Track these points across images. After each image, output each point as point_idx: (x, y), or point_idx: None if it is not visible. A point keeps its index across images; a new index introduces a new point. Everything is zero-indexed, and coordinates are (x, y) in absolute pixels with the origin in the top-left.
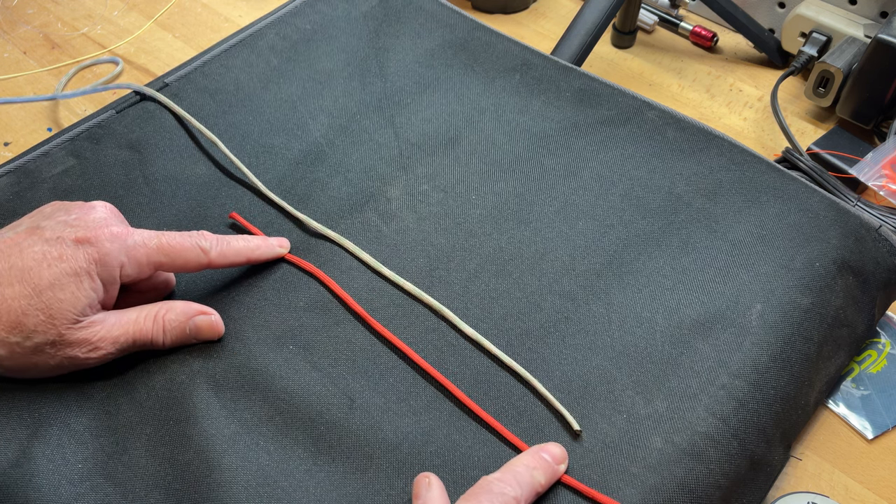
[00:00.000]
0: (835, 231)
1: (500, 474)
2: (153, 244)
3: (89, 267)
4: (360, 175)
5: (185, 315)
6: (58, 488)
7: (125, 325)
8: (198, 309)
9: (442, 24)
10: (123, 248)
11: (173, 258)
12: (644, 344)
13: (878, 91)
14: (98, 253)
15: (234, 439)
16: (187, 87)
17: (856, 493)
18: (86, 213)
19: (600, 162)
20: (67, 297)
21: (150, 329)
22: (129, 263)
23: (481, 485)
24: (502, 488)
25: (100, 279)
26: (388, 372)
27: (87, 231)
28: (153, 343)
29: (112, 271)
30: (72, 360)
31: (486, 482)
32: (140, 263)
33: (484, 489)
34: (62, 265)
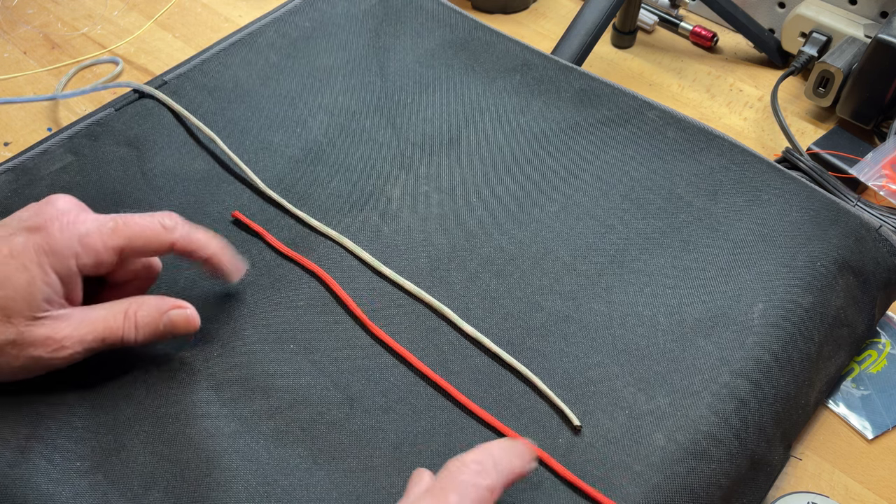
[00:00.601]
0: (835, 231)
1: (475, 455)
2: (108, 228)
3: (39, 259)
4: (361, 174)
5: (157, 310)
6: (57, 487)
7: (92, 323)
8: (172, 303)
9: (442, 23)
10: (75, 235)
11: (132, 239)
12: (646, 342)
13: (878, 91)
14: (47, 243)
15: (234, 438)
16: (186, 84)
17: (856, 493)
18: (42, 207)
19: (601, 162)
20: (20, 294)
21: (120, 326)
22: (85, 252)
23: (452, 472)
24: (476, 477)
25: (53, 271)
26: (389, 371)
27: (37, 220)
28: (124, 340)
29: (66, 262)
30: (36, 361)
31: (458, 468)
32: (97, 251)
33: (456, 480)
34: (12, 262)
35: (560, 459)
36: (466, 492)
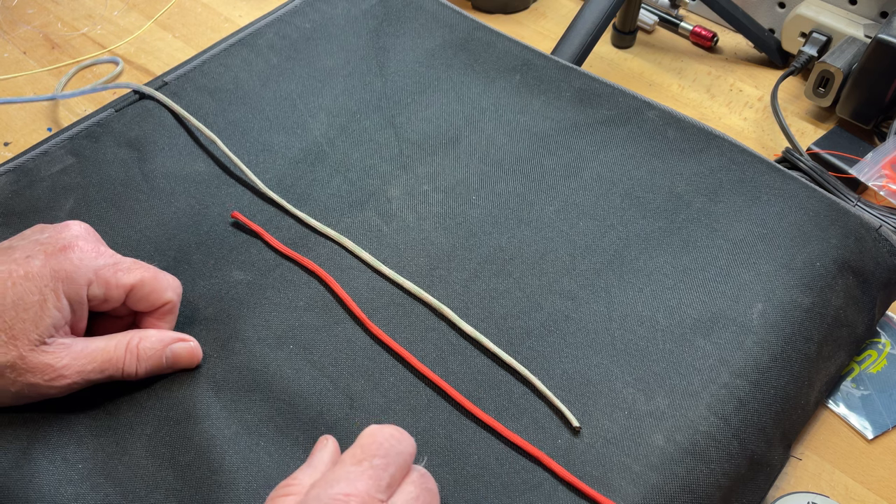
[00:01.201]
0: (835, 231)
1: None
2: (125, 265)
3: (55, 285)
4: (361, 174)
5: (161, 342)
6: (58, 489)
7: (92, 353)
8: (174, 336)
9: (442, 23)
10: (92, 265)
11: (144, 282)
12: (645, 342)
13: (878, 91)
14: (64, 269)
15: (235, 440)
16: (186, 85)
17: (856, 493)
18: (59, 231)
19: (601, 162)
20: (30, 317)
21: (121, 358)
22: (97, 282)
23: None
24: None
25: (66, 298)
26: (389, 371)
27: (57, 245)
28: (125, 373)
29: (79, 289)
30: (33, 388)
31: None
32: (108, 284)
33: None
34: (27, 284)
35: (559, 460)
36: (391, 458)
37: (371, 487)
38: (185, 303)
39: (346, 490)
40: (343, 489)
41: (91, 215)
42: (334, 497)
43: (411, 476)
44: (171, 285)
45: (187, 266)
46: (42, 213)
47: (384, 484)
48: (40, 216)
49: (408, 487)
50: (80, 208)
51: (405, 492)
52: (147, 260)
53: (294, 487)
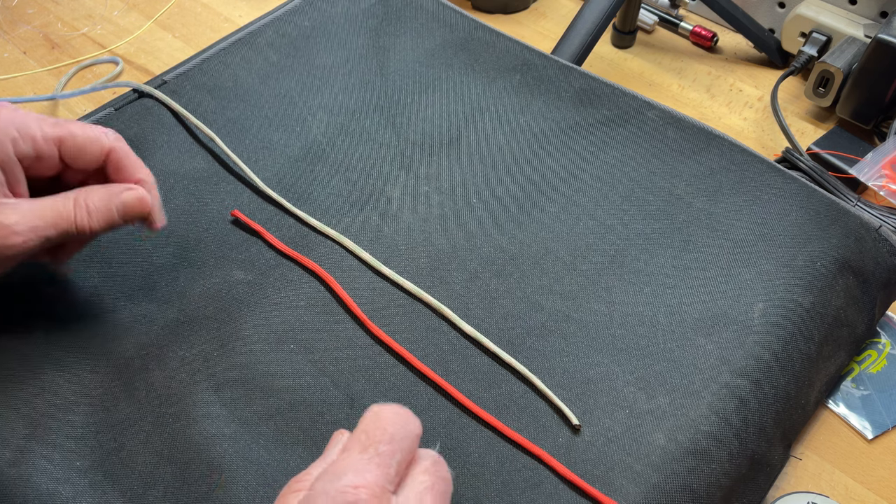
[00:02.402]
0: (835, 231)
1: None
2: (49, 120)
3: None
4: (361, 174)
5: (109, 193)
6: (56, 487)
7: (40, 211)
8: (122, 186)
9: (442, 23)
10: (13, 122)
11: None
12: (646, 341)
13: (878, 91)
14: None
15: (235, 438)
16: (185, 84)
17: (856, 493)
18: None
19: (601, 162)
20: None
21: (70, 212)
22: (22, 138)
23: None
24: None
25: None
26: (389, 371)
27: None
28: (78, 228)
29: (4, 147)
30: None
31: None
32: (34, 138)
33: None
34: None
35: (560, 459)
36: (396, 444)
37: (380, 477)
38: (185, 301)
39: (353, 482)
40: (351, 481)
41: None
42: (342, 490)
43: (423, 463)
44: (106, 132)
45: (186, 264)
46: None
47: (392, 472)
48: None
49: (420, 477)
50: None
51: (418, 481)
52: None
53: (305, 483)
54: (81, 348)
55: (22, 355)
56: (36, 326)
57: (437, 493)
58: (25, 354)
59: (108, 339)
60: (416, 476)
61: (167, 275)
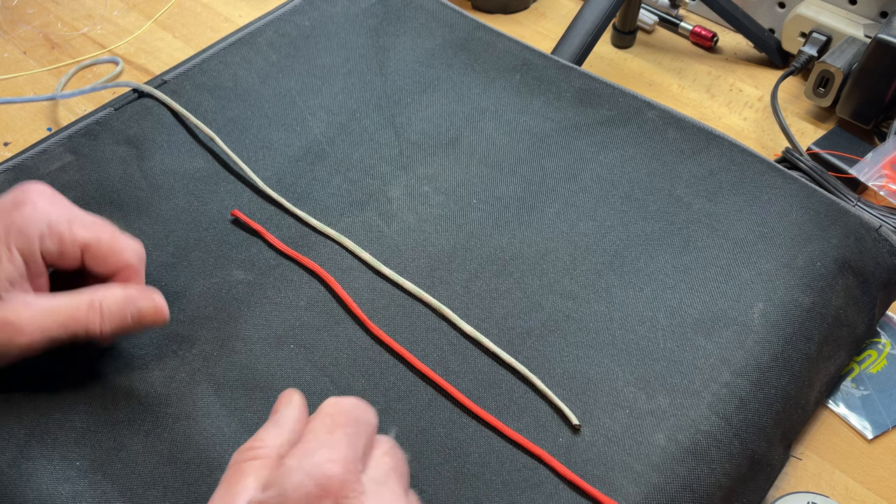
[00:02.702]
0: (835, 231)
1: (352, 398)
2: (81, 221)
3: (6, 239)
4: (361, 174)
5: (125, 299)
6: (56, 486)
7: (54, 310)
8: (139, 293)
9: (442, 23)
10: (45, 218)
11: (100, 241)
12: (646, 342)
13: (878, 91)
14: (15, 223)
15: (235, 438)
16: (185, 83)
17: (856, 493)
18: (15, 189)
19: (601, 162)
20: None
21: (84, 315)
22: (50, 236)
23: (340, 409)
24: (365, 413)
25: (18, 251)
26: (389, 371)
27: (9, 202)
28: (89, 331)
29: (30, 243)
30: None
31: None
32: (62, 238)
33: (349, 415)
34: None
35: (561, 459)
36: (360, 426)
37: (350, 454)
38: (185, 301)
39: (328, 456)
40: (325, 456)
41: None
42: (317, 464)
43: (383, 447)
44: (132, 247)
45: (186, 264)
46: None
47: (360, 452)
48: None
49: (384, 458)
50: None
51: (382, 462)
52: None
53: (261, 450)
54: (82, 348)
55: None
56: None
57: (399, 473)
58: None
59: None
60: (379, 458)
61: (167, 274)
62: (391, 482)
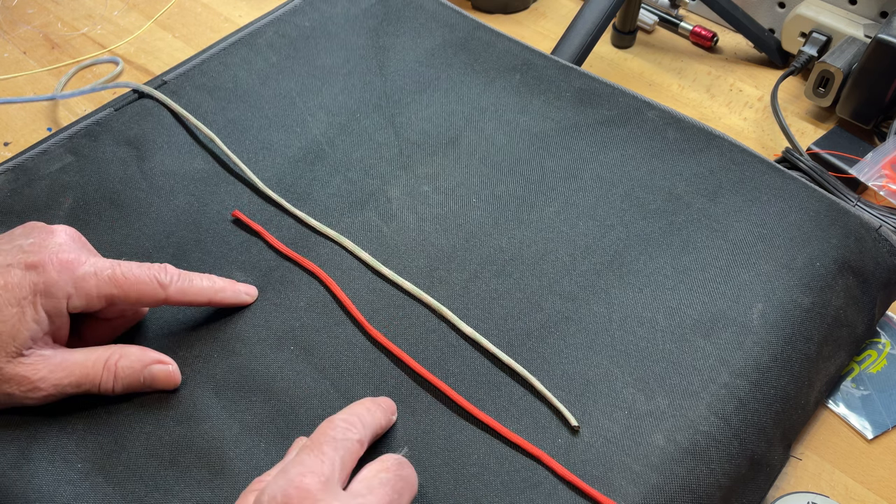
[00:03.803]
0: (835, 231)
1: (343, 415)
2: (105, 275)
3: (33, 298)
4: (361, 174)
5: (140, 363)
6: (58, 488)
7: (70, 368)
8: (154, 357)
9: (442, 23)
10: (72, 278)
11: (127, 291)
12: (645, 343)
13: (878, 91)
14: (43, 282)
15: (235, 440)
16: (185, 84)
17: (856, 493)
18: (43, 238)
19: (600, 163)
20: (8, 329)
21: (98, 375)
22: (77, 295)
23: (324, 430)
24: (346, 432)
25: (44, 310)
26: (389, 373)
27: (37, 257)
28: (101, 390)
29: (58, 303)
30: (9, 398)
31: (330, 426)
32: (89, 296)
33: (327, 435)
34: (6, 295)
35: (559, 459)
36: (338, 444)
37: (324, 468)
38: None
39: (300, 471)
40: (298, 471)
41: (89, 213)
42: (290, 479)
43: (385, 463)
44: (160, 282)
45: (186, 265)
46: (41, 212)
47: (336, 467)
48: (39, 215)
49: (381, 474)
50: (79, 207)
51: (376, 478)
52: (145, 258)
53: (263, 483)
54: None
55: None
56: None
57: (392, 488)
58: None
59: None
60: (375, 473)
61: None
62: (373, 497)
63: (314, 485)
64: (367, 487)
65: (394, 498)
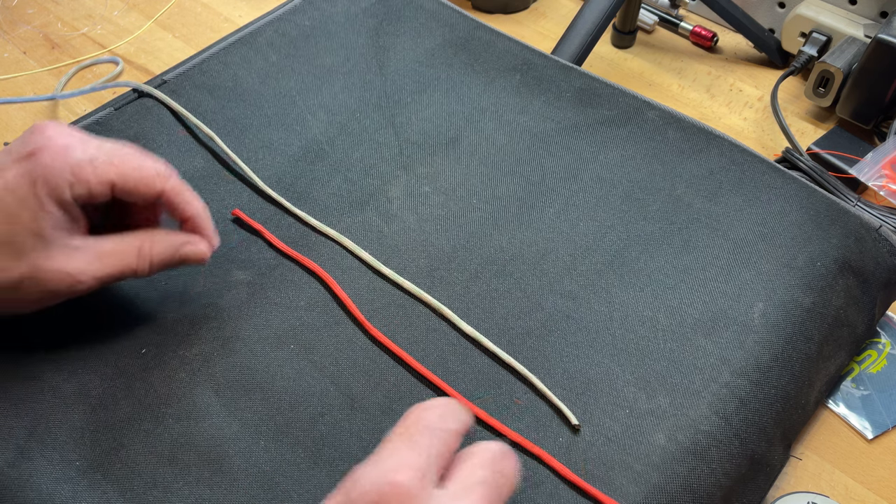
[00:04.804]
0: (835, 231)
1: (438, 401)
2: (101, 160)
3: (35, 190)
4: (361, 174)
5: (171, 247)
6: (56, 486)
7: (105, 260)
8: (183, 239)
9: (442, 23)
10: (67, 165)
11: (125, 176)
12: (646, 342)
13: (878, 91)
14: (39, 174)
15: (235, 438)
16: (185, 83)
17: (856, 493)
18: (30, 134)
19: (601, 163)
20: (24, 228)
21: (133, 262)
22: (78, 182)
23: (419, 416)
24: (443, 421)
25: (51, 200)
26: (389, 371)
27: (25, 151)
28: (137, 274)
29: (61, 192)
30: (54, 295)
31: (425, 412)
32: (89, 182)
33: (423, 423)
34: (8, 196)
35: (561, 458)
36: (434, 435)
37: (419, 461)
38: (185, 301)
39: (393, 465)
40: (391, 465)
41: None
42: (383, 472)
43: (483, 456)
44: (159, 172)
45: None
46: None
47: (432, 461)
48: None
49: (477, 471)
50: None
51: (473, 475)
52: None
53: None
54: (81, 348)
55: (22, 355)
56: (36, 326)
57: (491, 487)
58: (25, 354)
59: (107, 339)
60: (472, 469)
61: (167, 274)
62: (473, 496)
63: (409, 481)
64: (464, 488)
65: (493, 498)
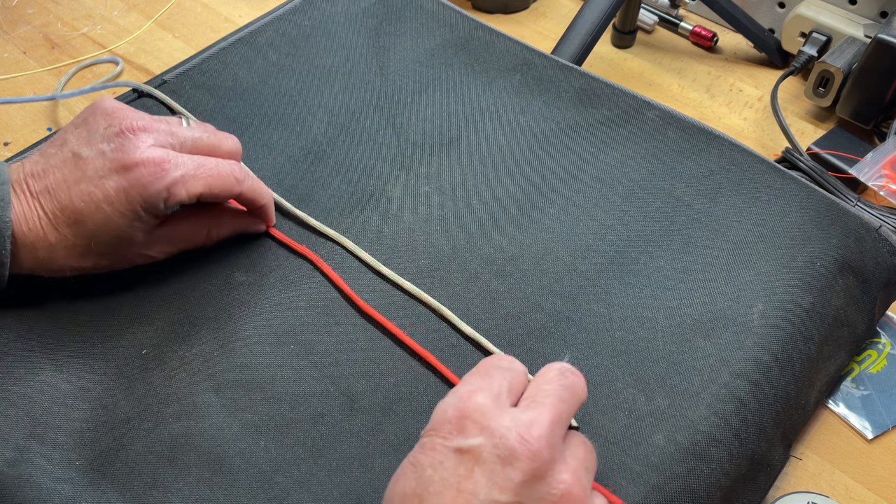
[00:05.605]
0: (835, 231)
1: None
2: (191, 175)
3: (133, 207)
4: (361, 174)
5: (234, 229)
6: (56, 487)
7: (179, 244)
8: (244, 223)
9: (442, 23)
10: (164, 185)
11: (211, 187)
12: (645, 343)
13: (878, 91)
14: (138, 193)
15: (235, 438)
16: (185, 83)
17: (856, 493)
18: (123, 143)
19: (601, 163)
20: (122, 236)
21: (201, 242)
22: (171, 198)
23: (490, 361)
24: (512, 363)
25: (147, 213)
26: (390, 372)
27: (124, 160)
28: (204, 247)
29: (155, 206)
30: (130, 262)
31: (495, 358)
32: (180, 197)
33: (493, 364)
34: (109, 208)
35: None
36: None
37: (493, 386)
38: (185, 301)
39: (469, 388)
40: (467, 388)
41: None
42: (461, 395)
43: (549, 374)
44: (237, 177)
45: (187, 264)
46: None
47: (504, 388)
48: None
49: (545, 387)
50: None
51: (543, 391)
52: None
53: None
54: (81, 348)
55: (22, 355)
56: (36, 326)
57: (559, 398)
58: (25, 354)
59: (108, 339)
60: (540, 385)
61: (167, 274)
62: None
63: (484, 399)
64: (535, 401)
65: (562, 409)
